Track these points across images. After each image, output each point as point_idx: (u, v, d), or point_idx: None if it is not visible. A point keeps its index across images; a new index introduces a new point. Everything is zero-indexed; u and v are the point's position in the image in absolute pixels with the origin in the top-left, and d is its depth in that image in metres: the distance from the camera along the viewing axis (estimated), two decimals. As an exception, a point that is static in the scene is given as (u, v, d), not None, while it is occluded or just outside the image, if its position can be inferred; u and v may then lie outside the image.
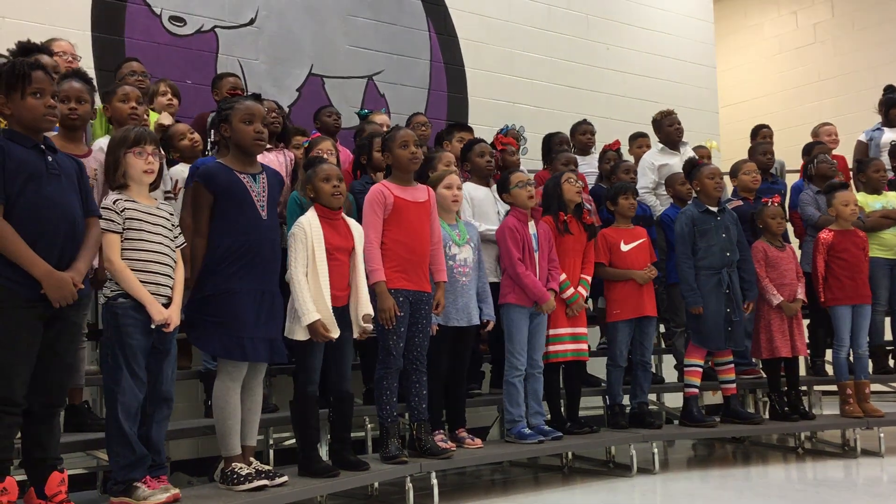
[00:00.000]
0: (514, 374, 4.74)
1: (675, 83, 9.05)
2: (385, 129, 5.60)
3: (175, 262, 3.32)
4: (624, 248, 5.25)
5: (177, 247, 3.35)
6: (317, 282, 3.69)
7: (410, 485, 4.09)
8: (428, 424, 4.26)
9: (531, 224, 4.84)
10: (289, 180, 4.82)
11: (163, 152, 3.65)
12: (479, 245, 4.69)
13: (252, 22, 6.48)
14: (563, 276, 4.92)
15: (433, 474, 4.18)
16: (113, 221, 3.15)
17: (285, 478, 3.56)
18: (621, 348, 5.23)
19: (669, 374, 6.47)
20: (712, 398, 6.66)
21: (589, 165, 6.59)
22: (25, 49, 3.26)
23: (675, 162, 6.18)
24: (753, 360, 6.06)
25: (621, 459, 5.17)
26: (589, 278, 5.07)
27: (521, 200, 4.80)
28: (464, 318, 4.49)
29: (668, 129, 6.46)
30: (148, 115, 4.42)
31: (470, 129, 6.05)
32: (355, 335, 3.94)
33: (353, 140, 5.67)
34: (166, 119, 4.97)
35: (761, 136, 7.17)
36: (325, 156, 4.43)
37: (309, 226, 3.76)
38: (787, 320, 5.49)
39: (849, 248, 5.70)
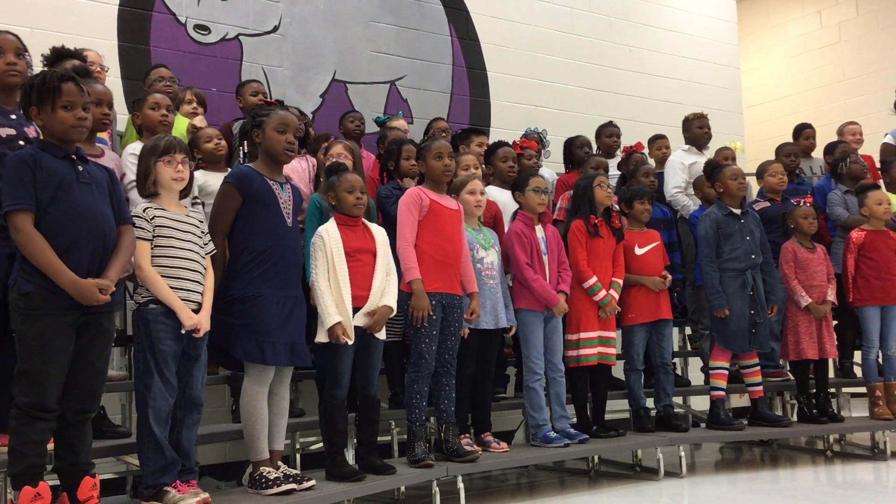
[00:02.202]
0: (532, 378, 4.72)
1: (699, 84, 9.01)
2: (405, 133, 5.64)
3: (205, 268, 3.36)
4: (638, 251, 5.23)
5: (206, 253, 3.39)
6: (338, 287, 3.73)
7: (437, 488, 4.10)
8: (455, 427, 4.27)
9: (538, 228, 4.84)
10: (312, 185, 4.87)
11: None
12: (500, 250, 4.71)
13: (276, 29, 6.53)
14: (594, 280, 4.90)
15: (459, 478, 4.18)
16: (143, 229, 3.20)
17: (313, 482, 3.58)
18: (638, 352, 5.21)
19: (696, 377, 6.43)
20: (739, 401, 6.61)
21: (612, 168, 6.57)
22: (59, 54, 3.30)
23: (703, 160, 6.13)
24: (781, 362, 6.01)
25: (648, 463, 5.15)
26: (620, 281, 5.05)
27: (532, 205, 4.81)
28: (491, 321, 4.50)
29: (697, 130, 6.47)
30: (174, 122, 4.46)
31: (487, 134, 6.05)
32: (381, 336, 3.93)
33: (376, 145, 5.71)
34: (200, 122, 5.01)
35: (804, 136, 7.01)
36: (340, 160, 4.47)
37: (327, 234, 3.81)
38: (816, 322, 5.43)
39: (879, 248, 5.64)
